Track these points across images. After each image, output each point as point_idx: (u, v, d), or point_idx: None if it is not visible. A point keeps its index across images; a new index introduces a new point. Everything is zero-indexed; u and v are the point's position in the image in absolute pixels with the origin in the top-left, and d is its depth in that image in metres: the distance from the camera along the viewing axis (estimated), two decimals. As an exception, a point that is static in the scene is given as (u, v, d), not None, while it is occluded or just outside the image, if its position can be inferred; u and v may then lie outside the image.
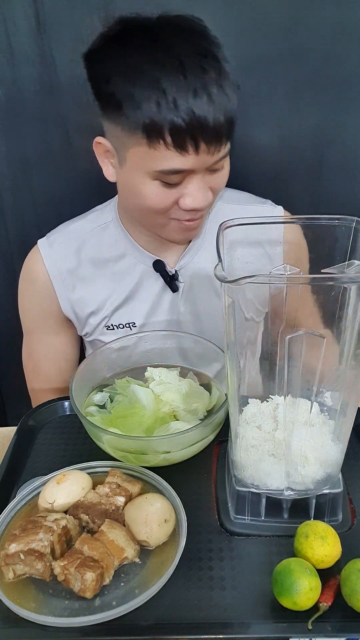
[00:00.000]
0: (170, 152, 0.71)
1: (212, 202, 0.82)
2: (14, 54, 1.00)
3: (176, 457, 0.71)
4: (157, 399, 0.79)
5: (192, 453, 0.72)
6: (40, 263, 0.94)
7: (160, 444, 0.69)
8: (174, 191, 0.76)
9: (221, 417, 0.71)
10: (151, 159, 0.73)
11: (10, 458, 0.76)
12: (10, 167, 1.11)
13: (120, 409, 0.78)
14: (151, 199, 0.77)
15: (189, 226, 0.82)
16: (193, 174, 0.75)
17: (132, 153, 0.75)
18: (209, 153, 0.72)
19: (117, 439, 0.69)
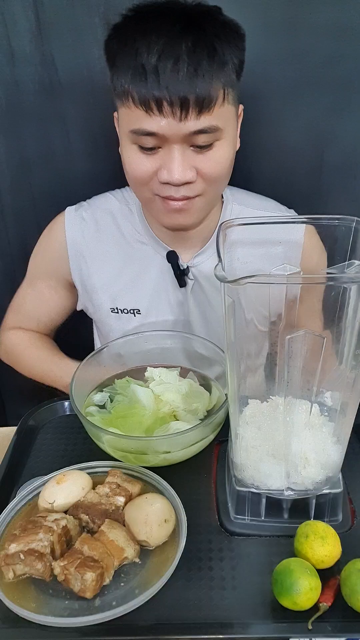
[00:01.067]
0: (139, 111, 0.73)
1: (209, 187, 0.80)
2: (14, 54, 1.00)
3: (176, 457, 0.71)
4: (157, 399, 0.79)
5: (192, 453, 0.72)
6: (62, 229, 0.96)
7: (160, 444, 0.69)
8: (152, 159, 0.77)
9: (221, 417, 0.71)
10: (126, 119, 0.77)
11: (10, 458, 0.76)
12: (10, 167, 1.11)
13: (120, 409, 0.78)
14: (130, 164, 0.80)
15: (173, 207, 0.80)
16: (168, 143, 0.75)
17: (120, 116, 0.79)
18: (175, 118, 0.72)
19: (117, 439, 0.69)
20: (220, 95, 0.73)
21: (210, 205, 0.86)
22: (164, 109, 0.72)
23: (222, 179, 0.82)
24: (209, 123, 0.74)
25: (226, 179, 0.84)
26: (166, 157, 0.76)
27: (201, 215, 0.86)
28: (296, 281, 0.61)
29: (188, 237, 0.93)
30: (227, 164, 0.81)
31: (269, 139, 1.08)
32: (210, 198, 0.84)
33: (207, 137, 0.75)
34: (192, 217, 0.84)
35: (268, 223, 0.69)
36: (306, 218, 0.92)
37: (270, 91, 1.03)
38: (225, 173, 0.82)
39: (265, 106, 1.04)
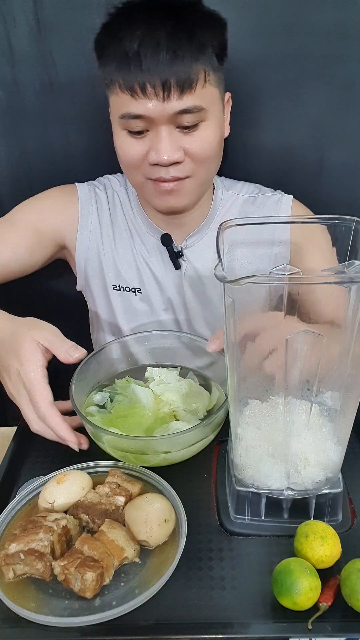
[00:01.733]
0: (125, 95, 0.76)
1: (197, 167, 0.82)
2: (14, 54, 1.00)
3: (176, 457, 0.70)
4: (157, 399, 0.79)
5: (192, 453, 0.72)
6: (74, 197, 0.98)
7: (160, 444, 0.69)
8: (141, 143, 0.80)
9: (221, 417, 0.71)
10: (115, 106, 0.80)
11: (10, 458, 0.76)
12: (10, 167, 1.11)
13: (120, 409, 0.78)
14: (121, 149, 0.83)
15: (164, 188, 0.83)
16: (155, 125, 0.78)
17: (110, 105, 0.82)
18: (159, 99, 0.75)
19: (117, 439, 0.69)
20: (201, 77, 0.76)
21: (201, 187, 0.88)
22: (147, 92, 0.74)
23: (210, 160, 0.84)
24: (192, 103, 0.76)
25: (215, 161, 0.86)
26: (154, 139, 0.79)
27: (192, 197, 0.88)
28: (296, 281, 0.61)
29: (182, 223, 0.95)
30: (215, 144, 0.83)
31: (269, 139, 1.08)
32: (201, 180, 0.85)
33: (192, 117, 0.78)
34: (183, 198, 0.86)
35: (268, 223, 0.69)
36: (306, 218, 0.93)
37: (270, 91, 1.03)
38: (213, 154, 0.84)
39: (265, 106, 1.04)
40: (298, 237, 0.84)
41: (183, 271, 0.97)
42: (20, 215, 0.98)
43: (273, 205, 0.97)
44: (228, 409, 0.67)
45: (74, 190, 0.98)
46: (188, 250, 0.96)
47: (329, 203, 1.12)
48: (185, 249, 0.96)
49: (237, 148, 1.05)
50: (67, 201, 0.98)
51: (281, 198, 0.97)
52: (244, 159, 1.08)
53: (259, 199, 0.98)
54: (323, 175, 1.12)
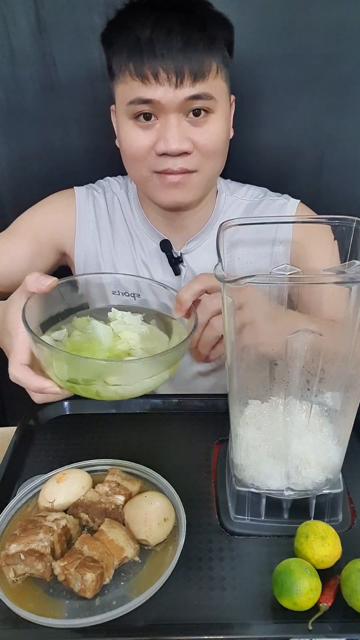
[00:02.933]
0: (135, 82, 0.76)
1: (205, 161, 0.82)
2: (14, 54, 1.00)
3: (127, 391, 0.64)
4: (115, 336, 0.74)
5: (145, 390, 0.66)
6: (72, 202, 0.97)
7: (106, 369, 0.62)
8: (148, 133, 0.79)
9: (176, 354, 0.65)
10: (123, 95, 0.79)
11: (10, 458, 0.76)
12: (10, 167, 1.11)
13: (75, 342, 0.72)
14: (126, 140, 0.81)
15: (170, 180, 0.81)
16: (164, 113, 0.77)
17: (116, 97, 0.81)
18: (171, 85, 0.74)
19: (65, 365, 0.62)
20: (213, 68, 0.76)
21: (207, 183, 0.87)
22: (160, 78, 0.74)
23: (217, 155, 0.84)
24: (203, 90, 0.76)
25: (221, 157, 0.86)
26: (163, 128, 0.78)
27: (198, 192, 0.86)
28: (296, 281, 0.61)
29: (183, 226, 0.94)
30: (222, 139, 0.82)
31: (269, 139, 1.08)
32: (207, 175, 0.85)
33: (202, 103, 0.77)
34: (189, 193, 0.85)
35: (268, 223, 0.69)
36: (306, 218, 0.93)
37: (270, 91, 1.03)
38: (220, 148, 0.83)
39: (265, 106, 1.05)
40: (301, 237, 0.84)
41: (183, 277, 0.95)
42: (20, 225, 0.98)
43: (277, 210, 0.96)
44: (186, 349, 0.64)
45: (71, 195, 0.98)
46: (188, 256, 0.95)
47: (329, 203, 1.13)
48: (185, 254, 0.95)
49: (237, 148, 1.05)
50: (65, 206, 0.97)
51: (286, 203, 0.96)
52: (244, 159, 1.08)
53: (262, 203, 0.97)
54: (323, 175, 1.12)
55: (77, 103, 1.05)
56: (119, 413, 0.86)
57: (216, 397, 0.88)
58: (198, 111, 0.78)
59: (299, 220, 0.89)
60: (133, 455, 0.73)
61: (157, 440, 0.79)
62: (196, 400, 0.88)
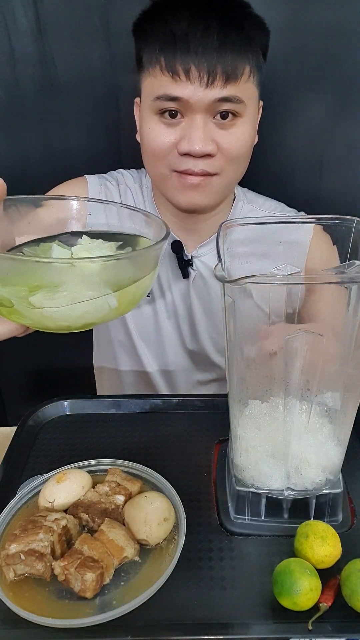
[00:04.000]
0: (165, 77, 0.74)
1: (226, 165, 0.80)
2: (14, 54, 1.00)
3: (57, 315, 0.53)
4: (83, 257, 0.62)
5: (80, 318, 0.54)
6: (84, 191, 0.93)
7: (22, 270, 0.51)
8: (172, 131, 0.77)
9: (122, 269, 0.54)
10: (150, 89, 0.77)
11: (10, 458, 0.76)
12: (10, 167, 1.11)
13: None
14: (149, 135, 0.79)
15: (190, 181, 0.79)
16: (191, 112, 0.75)
17: (143, 90, 0.79)
18: (202, 84, 0.73)
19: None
20: (246, 71, 0.75)
21: (226, 188, 0.85)
22: (191, 75, 0.72)
23: (240, 160, 0.82)
24: (234, 93, 0.74)
25: (244, 163, 0.84)
26: (188, 127, 0.76)
27: (217, 197, 0.85)
28: (296, 281, 0.61)
29: (196, 229, 0.92)
30: (247, 144, 0.81)
31: (269, 139, 1.08)
32: (228, 180, 0.83)
33: (231, 106, 0.76)
34: (208, 196, 0.83)
35: (268, 223, 0.69)
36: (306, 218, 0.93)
37: (270, 91, 1.03)
38: (245, 154, 0.82)
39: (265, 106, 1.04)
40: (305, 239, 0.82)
41: (191, 280, 0.94)
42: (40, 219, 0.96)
43: (294, 228, 0.94)
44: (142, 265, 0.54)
45: (83, 184, 0.94)
46: (198, 260, 0.94)
47: (329, 203, 1.13)
48: (195, 257, 0.93)
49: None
50: (75, 184, 0.95)
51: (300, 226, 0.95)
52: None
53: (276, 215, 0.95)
54: (323, 175, 1.12)
55: (77, 103, 1.05)
56: (119, 413, 0.86)
57: (216, 397, 0.88)
58: (226, 114, 0.76)
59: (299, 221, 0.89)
60: (133, 455, 0.73)
61: (157, 440, 0.79)
62: (196, 400, 0.88)
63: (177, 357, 1.01)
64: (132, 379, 1.06)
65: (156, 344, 1.00)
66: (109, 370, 1.08)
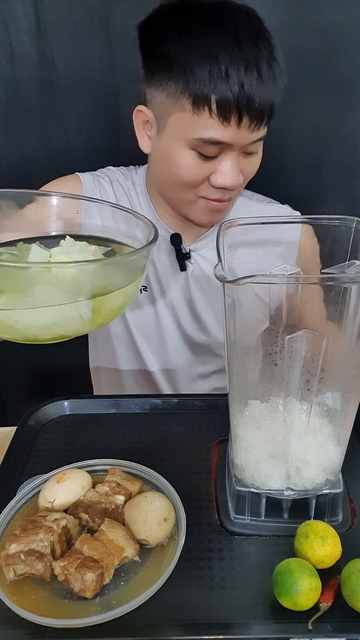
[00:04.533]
0: (213, 121, 0.72)
1: (242, 187, 0.84)
2: (14, 54, 1.00)
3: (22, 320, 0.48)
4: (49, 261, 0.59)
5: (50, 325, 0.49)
6: (78, 188, 0.93)
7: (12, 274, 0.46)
8: (208, 165, 0.78)
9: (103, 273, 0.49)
10: (192, 126, 0.74)
11: (10, 458, 0.76)
12: (10, 167, 1.11)
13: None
14: (185, 169, 0.78)
15: (217, 207, 0.83)
16: (229, 150, 0.76)
17: (174, 119, 0.76)
18: (249, 129, 0.74)
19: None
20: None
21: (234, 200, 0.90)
22: (242, 123, 0.72)
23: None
24: (265, 131, 0.77)
25: None
26: (224, 162, 0.77)
27: (230, 210, 0.90)
28: (296, 281, 0.61)
29: (192, 224, 0.93)
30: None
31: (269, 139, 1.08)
32: (238, 193, 0.88)
33: (259, 143, 0.79)
34: (225, 212, 0.88)
35: (268, 223, 0.69)
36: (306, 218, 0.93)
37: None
38: None
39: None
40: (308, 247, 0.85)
41: (189, 273, 0.95)
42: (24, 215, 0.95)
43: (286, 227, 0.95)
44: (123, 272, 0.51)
45: (76, 181, 0.94)
46: (196, 253, 0.95)
47: (329, 203, 1.13)
48: (193, 251, 0.95)
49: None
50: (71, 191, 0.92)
51: (291, 212, 0.97)
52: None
53: (270, 210, 0.97)
54: (323, 175, 1.12)
55: (77, 103, 1.04)
56: (119, 413, 0.86)
57: (216, 397, 0.88)
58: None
59: (298, 221, 0.89)
60: (133, 455, 0.73)
61: (157, 440, 0.79)
62: (196, 400, 0.88)
63: (178, 350, 1.01)
64: (131, 375, 1.06)
65: (156, 338, 1.01)
66: (107, 368, 1.08)
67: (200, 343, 1.01)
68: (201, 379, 1.05)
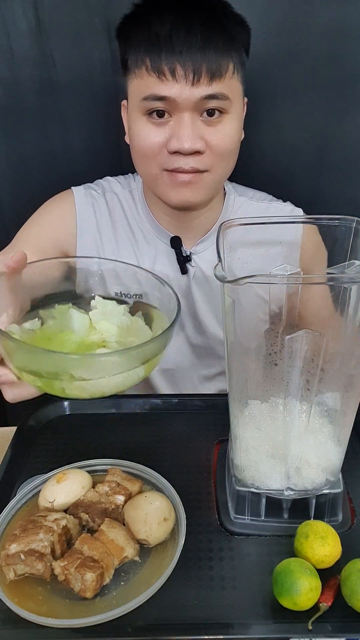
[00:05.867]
0: (151, 78, 0.75)
1: (218, 164, 0.81)
2: (14, 54, 1.00)
3: (95, 387, 0.58)
4: (91, 326, 0.68)
5: (116, 388, 0.59)
6: (71, 204, 0.94)
7: (72, 363, 0.56)
8: (161, 130, 0.79)
9: (153, 349, 0.59)
10: (137, 91, 0.78)
11: (10, 458, 0.76)
12: (10, 167, 1.11)
13: (46, 331, 0.66)
14: (138, 136, 0.80)
15: (181, 180, 0.81)
16: (178, 111, 0.77)
17: (130, 92, 0.80)
18: (187, 83, 0.74)
19: (25, 354, 0.57)
20: (230, 68, 0.76)
21: (217, 184, 0.87)
22: (177, 75, 0.74)
23: (229, 156, 0.83)
24: (219, 90, 0.76)
25: (233, 158, 0.85)
26: (176, 126, 0.77)
27: (208, 193, 0.86)
28: (296, 281, 0.61)
29: (191, 226, 0.93)
30: (235, 140, 0.82)
31: (269, 139, 1.08)
32: (218, 176, 0.84)
33: (217, 103, 0.77)
34: (199, 192, 0.84)
35: (268, 223, 0.69)
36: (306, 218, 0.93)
37: (270, 91, 1.03)
38: (233, 149, 0.83)
39: (265, 106, 1.04)
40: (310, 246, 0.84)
41: (191, 277, 0.95)
42: (21, 239, 0.94)
43: (287, 227, 0.94)
44: (165, 342, 0.59)
45: (70, 199, 0.95)
46: (197, 256, 0.94)
47: (329, 203, 1.12)
48: (194, 254, 0.94)
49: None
50: (64, 211, 0.95)
51: (293, 210, 0.97)
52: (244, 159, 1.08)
53: (271, 209, 0.96)
54: (323, 175, 1.12)
55: (77, 103, 1.04)
56: (119, 413, 0.86)
57: (216, 397, 0.88)
58: (212, 111, 0.78)
59: (298, 221, 0.89)
60: (133, 455, 0.73)
61: (157, 440, 0.79)
62: (196, 400, 0.88)
63: (181, 354, 1.01)
64: None
65: None
66: None
67: (202, 346, 1.00)
68: (206, 381, 1.05)
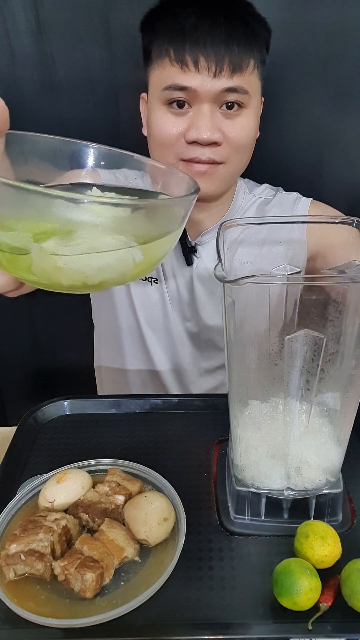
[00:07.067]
0: (174, 68, 0.76)
1: (234, 156, 0.82)
2: (14, 54, 1.00)
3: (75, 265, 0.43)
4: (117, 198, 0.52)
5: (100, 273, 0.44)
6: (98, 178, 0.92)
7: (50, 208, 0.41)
8: (180, 120, 0.80)
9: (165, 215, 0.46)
10: (159, 80, 0.79)
11: (10, 458, 0.76)
12: (10, 167, 1.11)
13: None
14: (157, 125, 0.81)
15: (197, 170, 0.82)
16: (198, 102, 0.78)
17: (151, 84, 0.82)
18: (209, 74, 0.75)
19: None
20: (251, 63, 0.78)
21: (231, 177, 0.88)
22: (199, 66, 0.75)
23: (245, 150, 0.84)
24: (240, 83, 0.77)
25: (248, 153, 0.86)
26: (195, 116, 0.79)
27: (222, 185, 0.87)
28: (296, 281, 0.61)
29: (199, 218, 0.94)
30: (251, 134, 0.84)
31: (269, 139, 1.08)
32: (233, 169, 0.85)
33: (237, 97, 0.78)
34: (213, 184, 0.85)
35: (268, 223, 0.69)
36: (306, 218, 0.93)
37: (270, 91, 1.03)
38: (249, 143, 0.84)
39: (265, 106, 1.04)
40: (318, 238, 0.85)
41: (194, 267, 0.96)
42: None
43: (289, 205, 0.96)
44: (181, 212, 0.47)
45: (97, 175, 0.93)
46: (202, 247, 0.95)
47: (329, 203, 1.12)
48: (199, 245, 0.95)
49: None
50: None
51: (299, 198, 0.97)
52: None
53: (274, 200, 0.97)
54: (323, 175, 1.12)
55: (77, 103, 1.04)
56: (119, 413, 0.86)
57: (216, 397, 0.88)
58: (231, 104, 0.79)
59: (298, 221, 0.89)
60: (133, 455, 0.73)
61: (157, 440, 0.79)
62: (196, 400, 0.88)
63: (183, 344, 1.01)
64: (137, 372, 1.06)
65: (163, 331, 1.02)
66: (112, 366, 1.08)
67: (203, 338, 1.01)
68: (207, 374, 1.06)
